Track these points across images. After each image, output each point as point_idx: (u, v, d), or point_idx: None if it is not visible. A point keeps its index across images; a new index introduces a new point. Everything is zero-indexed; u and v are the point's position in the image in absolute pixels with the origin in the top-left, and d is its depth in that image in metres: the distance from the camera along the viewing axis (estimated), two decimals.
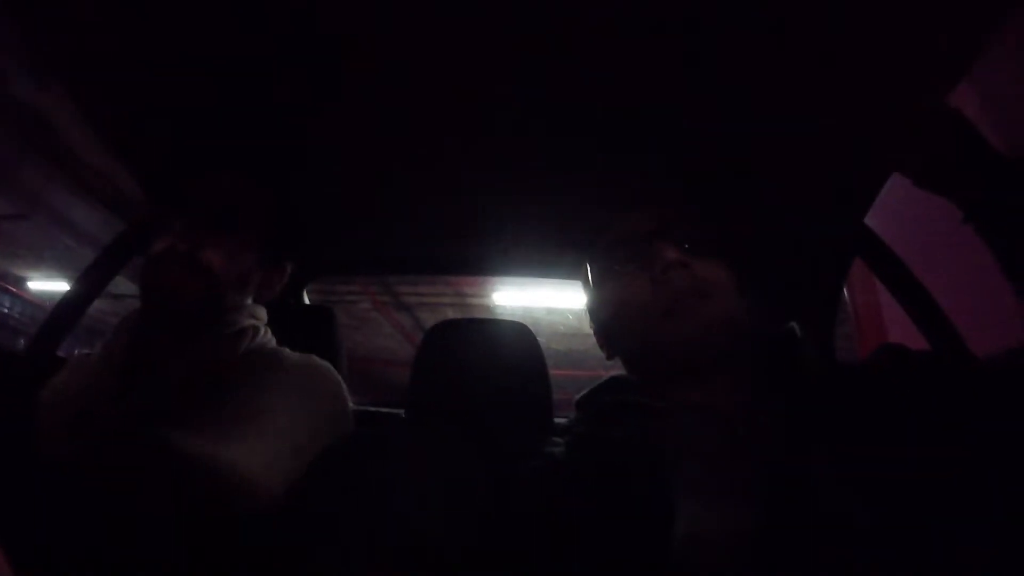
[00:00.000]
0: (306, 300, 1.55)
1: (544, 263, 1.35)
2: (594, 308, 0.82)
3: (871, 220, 1.09)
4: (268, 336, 0.89)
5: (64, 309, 1.15)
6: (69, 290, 1.17)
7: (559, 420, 1.03)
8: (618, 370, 0.81)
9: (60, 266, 6.12)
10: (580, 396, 0.79)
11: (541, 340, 1.12)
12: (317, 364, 0.83)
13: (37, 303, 7.09)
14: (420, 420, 1.08)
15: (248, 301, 0.89)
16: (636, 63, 0.81)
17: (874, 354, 0.72)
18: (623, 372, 0.80)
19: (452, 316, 1.43)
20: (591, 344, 0.84)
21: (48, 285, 6.93)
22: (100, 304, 1.24)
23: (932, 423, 0.58)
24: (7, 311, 7.51)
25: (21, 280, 7.21)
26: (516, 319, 1.19)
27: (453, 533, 0.64)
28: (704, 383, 0.68)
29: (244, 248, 0.85)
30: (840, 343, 1.37)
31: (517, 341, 1.10)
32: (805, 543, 0.53)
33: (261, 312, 0.90)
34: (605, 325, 0.79)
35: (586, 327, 0.85)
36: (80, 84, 0.94)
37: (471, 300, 6.19)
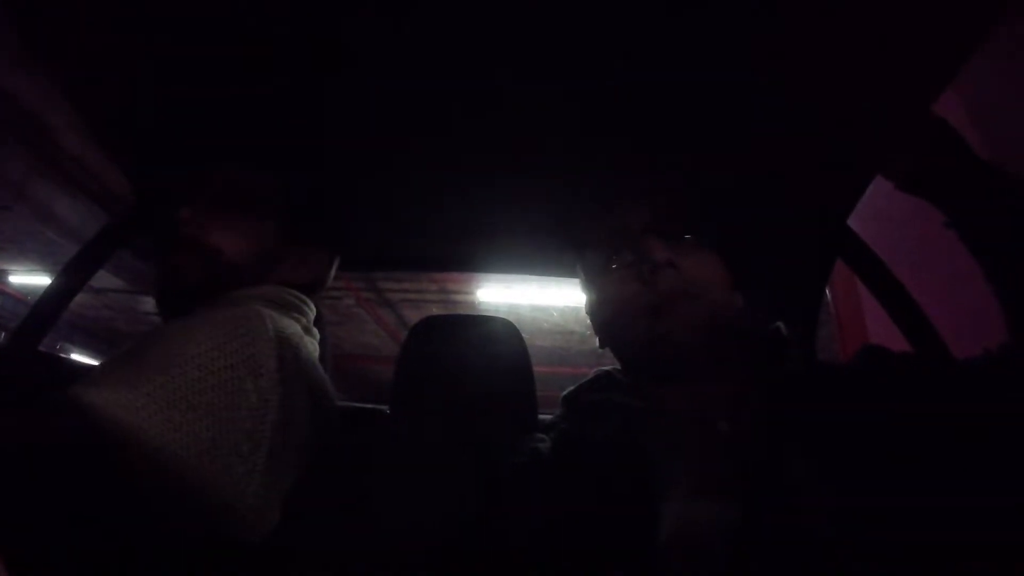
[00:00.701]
0: None
1: (539, 260, 1.34)
2: (589, 304, 0.82)
3: (853, 222, 1.10)
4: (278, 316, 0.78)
5: (46, 303, 1.13)
6: (51, 284, 1.15)
7: (543, 417, 1.03)
8: (607, 362, 0.81)
9: (42, 260, 6.04)
10: (567, 392, 0.79)
11: (525, 337, 1.12)
12: (240, 308, 0.72)
13: (19, 297, 6.99)
14: (405, 417, 1.08)
15: (276, 281, 0.85)
16: (631, 58, 0.81)
17: (855, 355, 0.73)
18: (611, 367, 0.80)
19: (436, 313, 1.42)
20: (575, 341, 0.85)
21: (30, 279, 6.84)
22: (83, 298, 1.22)
23: (912, 423, 0.58)
24: None
25: (2, 274, 7.11)
26: (501, 316, 1.19)
27: (439, 532, 0.65)
28: (689, 383, 0.69)
29: (261, 228, 0.85)
30: (822, 344, 1.38)
31: (502, 337, 1.10)
32: (783, 541, 0.54)
33: (275, 291, 0.82)
34: (598, 321, 0.80)
35: (570, 324, 0.85)
36: (66, 75, 0.93)
37: (456, 297, 6.15)
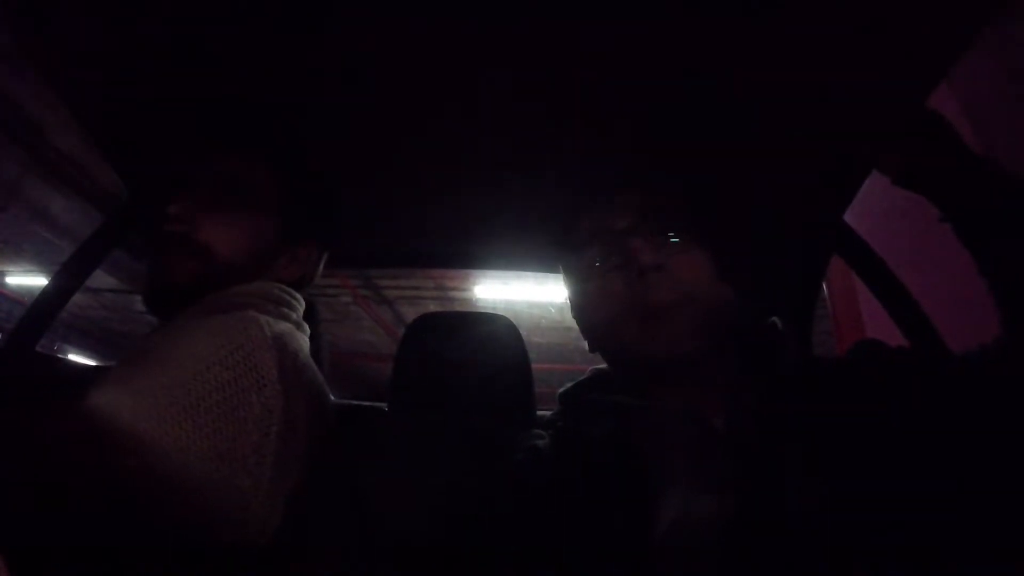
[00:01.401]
0: None
1: (536, 256, 1.33)
2: (574, 305, 0.80)
3: (850, 216, 1.10)
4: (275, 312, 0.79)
5: (43, 304, 1.13)
6: (48, 285, 1.15)
7: (542, 413, 1.04)
8: (601, 362, 0.81)
9: (38, 260, 6.02)
10: (563, 390, 0.79)
11: (523, 333, 1.12)
12: (236, 315, 0.70)
13: (15, 298, 6.97)
14: (404, 414, 1.08)
15: (269, 278, 0.84)
16: (622, 53, 0.81)
17: (852, 350, 0.73)
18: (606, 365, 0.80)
19: (434, 310, 1.42)
20: (573, 338, 0.85)
21: (26, 280, 6.82)
22: (77, 298, 1.22)
23: (908, 418, 0.59)
24: None
25: None
26: (498, 313, 1.18)
27: (438, 529, 0.65)
28: (682, 384, 0.68)
29: (256, 224, 0.84)
30: (818, 339, 1.38)
31: (499, 334, 1.10)
32: (778, 537, 0.54)
33: (267, 288, 0.82)
34: (586, 325, 0.78)
35: (568, 321, 0.84)
36: (59, 75, 0.93)
37: (453, 294, 6.15)
